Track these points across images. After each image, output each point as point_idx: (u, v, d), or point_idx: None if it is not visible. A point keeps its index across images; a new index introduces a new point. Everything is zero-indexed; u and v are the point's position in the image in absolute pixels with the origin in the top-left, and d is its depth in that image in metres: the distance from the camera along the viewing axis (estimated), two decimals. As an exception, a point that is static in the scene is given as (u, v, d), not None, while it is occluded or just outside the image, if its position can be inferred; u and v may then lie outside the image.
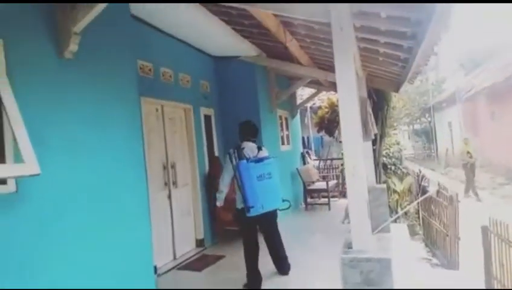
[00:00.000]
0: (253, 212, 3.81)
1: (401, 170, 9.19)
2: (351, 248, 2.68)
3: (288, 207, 4.29)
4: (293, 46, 5.47)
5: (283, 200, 4.21)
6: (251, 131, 4.44)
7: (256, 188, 3.82)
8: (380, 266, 2.46)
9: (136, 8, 4.30)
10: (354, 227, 2.67)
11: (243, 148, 4.14)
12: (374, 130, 5.59)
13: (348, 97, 2.73)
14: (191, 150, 5.90)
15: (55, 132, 2.79)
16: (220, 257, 5.27)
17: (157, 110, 5.25)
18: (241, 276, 4.53)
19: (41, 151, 2.51)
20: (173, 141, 5.55)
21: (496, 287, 3.72)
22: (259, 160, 4.04)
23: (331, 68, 6.46)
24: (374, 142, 6.40)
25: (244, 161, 3.94)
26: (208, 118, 6.48)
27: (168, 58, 5.41)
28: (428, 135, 26.91)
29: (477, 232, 5.37)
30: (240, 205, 4.05)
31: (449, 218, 4.85)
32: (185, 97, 5.79)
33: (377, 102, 6.21)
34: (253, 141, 4.33)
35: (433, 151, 25.79)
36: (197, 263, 5.12)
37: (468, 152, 11.53)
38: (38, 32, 2.76)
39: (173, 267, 4.98)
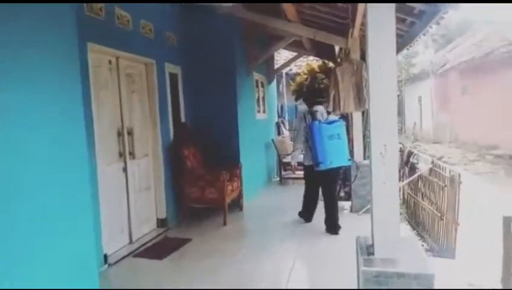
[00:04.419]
0: (321, 167, 4.32)
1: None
2: (371, 253, 1.97)
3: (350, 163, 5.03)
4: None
5: (348, 159, 4.62)
6: (316, 93, 5.02)
7: (326, 147, 4.29)
8: (417, 284, 1.76)
9: None
10: (378, 228, 1.95)
11: (316, 112, 4.63)
12: (369, 99, 4.86)
13: (382, 53, 1.96)
14: (152, 114, 4.93)
15: None
16: (185, 241, 4.48)
17: (110, 62, 4.20)
18: (210, 264, 3.81)
19: None
20: (131, 102, 4.56)
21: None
22: (330, 122, 4.49)
23: (320, 26, 5.60)
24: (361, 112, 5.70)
25: (317, 122, 4.43)
26: (173, 77, 5.48)
27: (125, -2, 4.31)
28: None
29: (469, 215, 4.95)
30: (308, 162, 4.64)
31: (448, 201, 4.32)
32: (147, 49, 4.75)
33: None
34: (321, 103, 4.81)
35: (399, 125, 25.99)
36: (158, 249, 4.31)
37: None
38: None
39: (129, 254, 4.14)
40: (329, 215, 4.62)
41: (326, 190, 4.72)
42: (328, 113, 4.72)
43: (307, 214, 5.03)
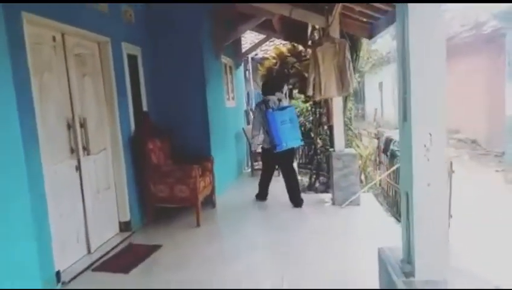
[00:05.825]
0: (279, 149, 4.85)
1: (352, 130, 8.45)
2: (410, 274, 1.53)
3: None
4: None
5: (300, 140, 5.24)
6: (274, 86, 5.42)
7: (280, 131, 4.82)
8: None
9: None
10: (421, 244, 1.51)
11: (269, 100, 5.11)
12: (353, 82, 4.48)
13: (429, 23, 1.45)
14: (109, 101, 4.24)
15: None
16: (154, 248, 3.90)
17: (54, 39, 3.46)
18: (187, 275, 3.28)
19: None
20: (82, 88, 3.84)
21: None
22: (281, 108, 4.99)
23: (297, 2, 5.09)
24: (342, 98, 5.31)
25: (271, 109, 4.92)
26: (133, 59, 4.77)
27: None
28: (357, 95, 27.29)
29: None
30: (266, 145, 5.13)
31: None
32: (100, 25, 4.03)
33: (351, 48, 5.05)
34: (274, 94, 5.24)
35: (360, 111, 26.32)
36: (123, 259, 3.70)
37: None
38: None
39: (87, 268, 3.50)
40: (293, 191, 5.15)
41: (286, 168, 5.19)
42: (279, 100, 5.14)
43: (263, 194, 5.46)
